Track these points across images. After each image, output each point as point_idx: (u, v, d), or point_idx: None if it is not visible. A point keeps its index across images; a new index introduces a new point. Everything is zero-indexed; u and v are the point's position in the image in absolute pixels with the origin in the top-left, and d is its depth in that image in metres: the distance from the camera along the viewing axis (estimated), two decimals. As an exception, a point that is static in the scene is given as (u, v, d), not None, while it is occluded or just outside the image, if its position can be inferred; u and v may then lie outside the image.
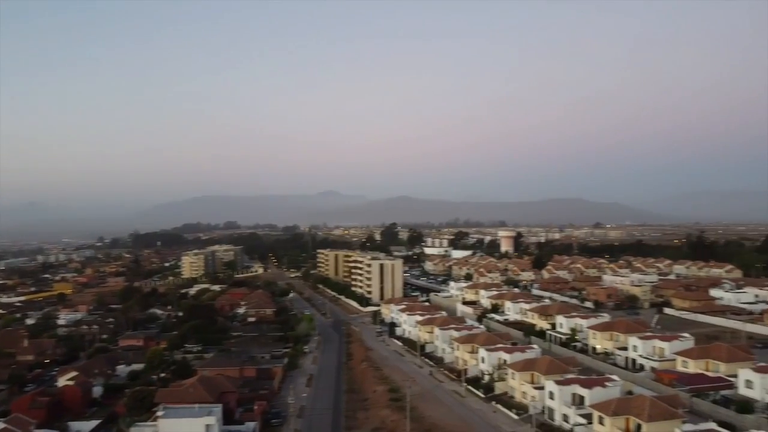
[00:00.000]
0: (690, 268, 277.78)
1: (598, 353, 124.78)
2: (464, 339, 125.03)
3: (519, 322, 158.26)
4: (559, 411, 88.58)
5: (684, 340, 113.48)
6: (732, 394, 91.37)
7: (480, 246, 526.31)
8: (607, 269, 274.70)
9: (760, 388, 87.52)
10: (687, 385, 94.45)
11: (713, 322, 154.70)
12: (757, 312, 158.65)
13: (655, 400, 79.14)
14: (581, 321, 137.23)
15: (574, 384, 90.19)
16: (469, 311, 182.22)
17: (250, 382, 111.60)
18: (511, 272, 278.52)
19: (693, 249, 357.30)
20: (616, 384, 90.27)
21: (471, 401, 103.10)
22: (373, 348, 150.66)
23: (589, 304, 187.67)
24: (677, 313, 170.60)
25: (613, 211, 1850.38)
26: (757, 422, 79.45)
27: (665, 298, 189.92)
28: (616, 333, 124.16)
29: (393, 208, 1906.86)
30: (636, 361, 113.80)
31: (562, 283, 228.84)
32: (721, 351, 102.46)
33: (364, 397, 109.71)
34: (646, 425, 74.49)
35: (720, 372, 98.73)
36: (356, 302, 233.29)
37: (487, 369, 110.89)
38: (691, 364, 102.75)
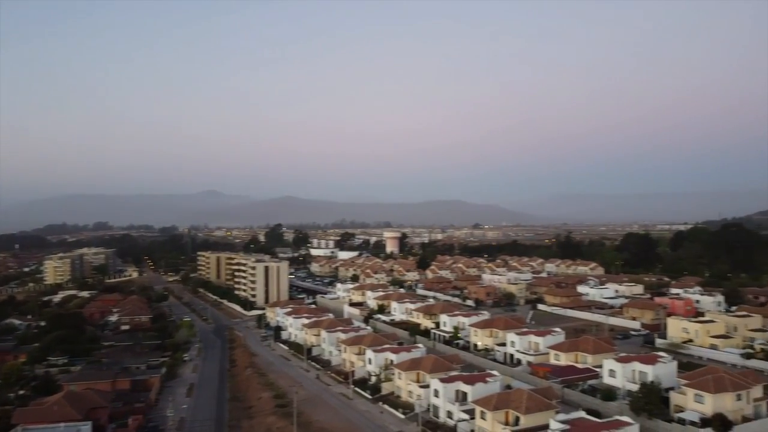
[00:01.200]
0: (559, 266, 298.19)
1: (479, 350, 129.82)
2: (351, 341, 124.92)
3: (405, 322, 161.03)
4: (444, 408, 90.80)
5: (556, 335, 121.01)
6: (598, 383, 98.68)
7: (366, 247, 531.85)
8: (486, 268, 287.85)
9: (622, 377, 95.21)
10: (559, 377, 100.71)
11: (581, 317, 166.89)
12: (617, 306, 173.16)
13: (532, 393, 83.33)
14: (464, 319, 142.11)
15: (458, 381, 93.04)
16: (356, 312, 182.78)
17: (123, 396, 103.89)
18: (396, 273, 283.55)
19: (562, 248, 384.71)
20: (496, 379, 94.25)
21: (358, 403, 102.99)
22: (258, 353, 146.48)
23: (471, 302, 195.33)
24: (549, 309, 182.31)
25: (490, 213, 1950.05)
26: (620, 408, 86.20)
27: (539, 295, 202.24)
28: (495, 330, 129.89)
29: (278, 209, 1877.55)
30: (514, 356, 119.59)
31: (445, 283, 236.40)
32: (588, 344, 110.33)
33: (248, 405, 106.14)
34: (524, 417, 78.25)
35: (587, 363, 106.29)
36: (240, 306, 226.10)
37: (374, 370, 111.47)
38: (563, 356, 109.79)
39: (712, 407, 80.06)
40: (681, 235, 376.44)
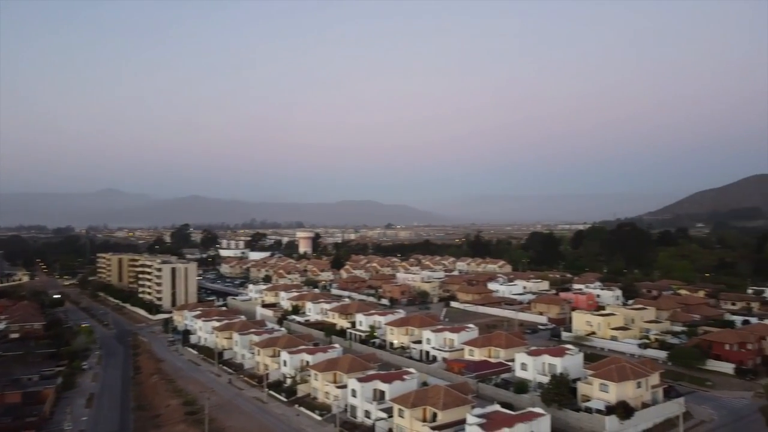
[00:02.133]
0: (470, 264, 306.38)
1: (395, 348, 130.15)
2: (265, 343, 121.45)
3: (320, 323, 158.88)
4: (362, 408, 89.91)
5: (470, 331, 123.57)
6: (511, 376, 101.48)
7: (278, 247, 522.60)
8: (400, 267, 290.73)
9: (533, 370, 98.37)
10: (474, 372, 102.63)
11: (492, 313, 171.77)
12: (525, 302, 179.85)
13: (448, 390, 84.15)
14: (379, 318, 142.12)
15: (375, 380, 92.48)
16: (269, 314, 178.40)
17: (13, 410, 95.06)
18: (310, 273, 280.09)
19: (472, 247, 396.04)
20: (413, 377, 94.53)
21: (273, 406, 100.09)
22: (165, 359, 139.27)
23: (385, 301, 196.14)
24: (462, 306, 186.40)
25: (402, 213, 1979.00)
26: (532, 400, 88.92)
27: (451, 292, 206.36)
28: (411, 328, 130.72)
29: (183, 209, 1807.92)
30: (429, 353, 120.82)
31: (359, 282, 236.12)
32: (500, 339, 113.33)
33: (155, 414, 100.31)
34: (442, 413, 78.83)
35: (500, 357, 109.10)
36: (145, 310, 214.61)
37: (289, 372, 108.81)
38: (477, 352, 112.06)
39: (615, 395, 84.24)
40: (581, 235, 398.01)
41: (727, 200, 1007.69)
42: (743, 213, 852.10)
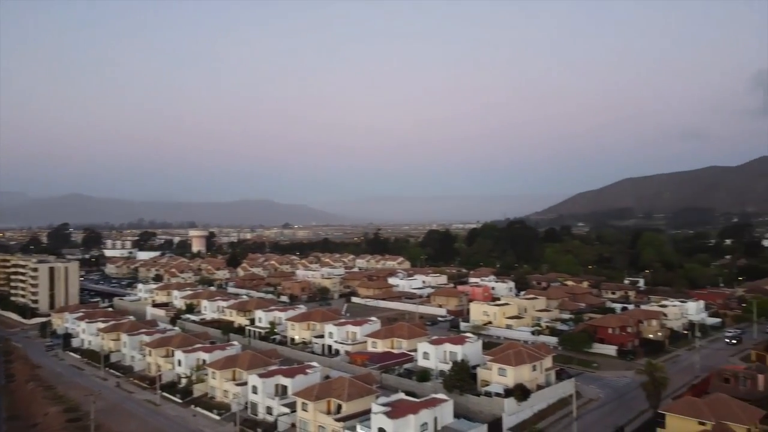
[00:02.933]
0: (369, 261, 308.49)
1: (297, 343, 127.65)
2: (157, 342, 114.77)
3: (217, 321, 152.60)
4: (263, 404, 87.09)
5: (372, 324, 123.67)
6: (413, 366, 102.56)
7: (169, 247, 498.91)
8: (299, 265, 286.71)
9: (435, 358, 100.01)
10: (377, 363, 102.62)
11: (393, 307, 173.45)
12: (425, 295, 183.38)
13: (353, 380, 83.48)
14: (280, 314, 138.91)
15: (277, 375, 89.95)
16: (161, 314, 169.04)
17: None
18: (205, 271, 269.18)
19: (371, 245, 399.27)
20: (316, 370, 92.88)
21: (167, 408, 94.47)
22: (43, 365, 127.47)
23: (285, 298, 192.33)
24: (363, 301, 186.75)
25: (300, 213, 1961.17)
26: (434, 387, 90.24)
27: (352, 288, 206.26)
28: (313, 322, 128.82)
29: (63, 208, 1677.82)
30: (332, 347, 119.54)
31: (258, 280, 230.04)
32: (403, 329, 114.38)
33: (32, 423, 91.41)
34: (346, 404, 77.95)
35: (403, 348, 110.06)
36: (18, 314, 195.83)
37: (184, 372, 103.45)
38: (380, 343, 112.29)
39: (513, 379, 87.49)
40: (475, 232, 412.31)
41: (604, 201, 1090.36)
42: (618, 213, 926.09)
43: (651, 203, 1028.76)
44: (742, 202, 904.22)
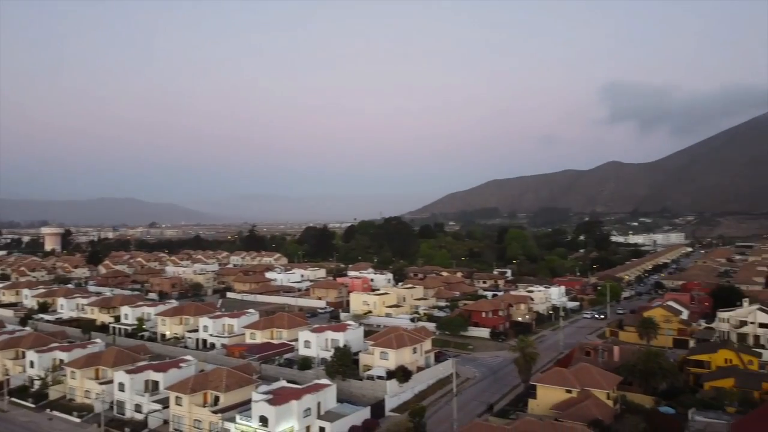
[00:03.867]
0: (245, 258, 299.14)
1: (168, 339, 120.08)
2: (4, 344, 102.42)
3: (76, 319, 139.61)
4: (131, 402, 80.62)
5: (251, 315, 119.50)
6: (294, 355, 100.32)
7: (18, 245, 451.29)
8: (169, 262, 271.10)
9: (317, 346, 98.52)
10: (256, 354, 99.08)
11: (271, 301, 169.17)
12: (304, 289, 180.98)
13: (231, 371, 79.89)
14: (149, 309, 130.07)
15: (148, 370, 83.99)
16: (9, 314, 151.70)
17: None
18: (61, 269, 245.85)
19: (246, 242, 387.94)
20: (190, 364, 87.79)
21: (18, 415, 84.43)
22: None
23: (154, 295, 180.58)
24: (239, 296, 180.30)
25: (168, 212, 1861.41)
26: (317, 375, 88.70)
27: (227, 284, 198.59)
28: (186, 316, 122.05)
29: None
30: (207, 341, 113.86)
31: (122, 277, 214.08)
32: (283, 320, 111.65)
33: None
34: (225, 395, 74.41)
35: (283, 338, 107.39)
36: None
37: (38, 374, 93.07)
38: (259, 334, 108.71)
39: (395, 361, 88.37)
40: (352, 229, 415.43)
41: (473, 201, 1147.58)
42: (485, 212, 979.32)
43: (514, 203, 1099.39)
44: (593, 202, 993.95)
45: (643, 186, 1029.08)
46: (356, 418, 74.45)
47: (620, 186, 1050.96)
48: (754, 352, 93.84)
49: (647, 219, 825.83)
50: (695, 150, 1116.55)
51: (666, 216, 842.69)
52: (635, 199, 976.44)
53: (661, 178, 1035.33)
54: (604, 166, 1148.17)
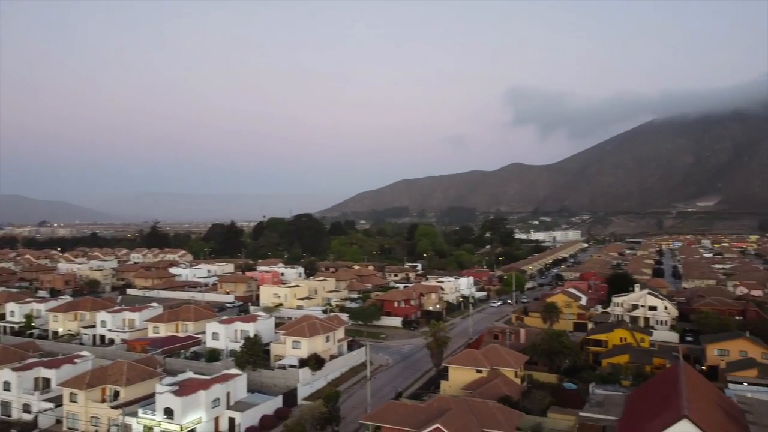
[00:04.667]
0: (146, 255, 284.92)
1: (61, 335, 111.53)
2: None
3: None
4: (19, 401, 73.99)
5: (154, 309, 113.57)
6: (201, 348, 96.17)
7: None
8: (62, 259, 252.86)
9: (225, 338, 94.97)
10: (160, 348, 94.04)
11: (176, 296, 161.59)
12: (210, 284, 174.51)
13: (133, 364, 75.53)
14: (39, 306, 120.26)
15: (38, 367, 77.60)
16: None
17: None
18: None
19: (148, 239, 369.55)
20: (87, 359, 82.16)
21: None
22: None
23: (45, 292, 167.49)
24: (140, 292, 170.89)
25: (61, 210, 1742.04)
26: (225, 366, 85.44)
27: (127, 280, 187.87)
28: (82, 312, 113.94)
29: None
30: (106, 336, 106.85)
31: (7, 275, 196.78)
32: (189, 312, 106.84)
33: None
34: (125, 389, 70.27)
35: (190, 331, 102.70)
36: None
37: None
38: (163, 328, 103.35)
39: (307, 350, 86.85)
40: (261, 226, 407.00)
41: (383, 200, 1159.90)
42: (396, 211, 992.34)
43: (424, 202, 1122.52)
44: (497, 201, 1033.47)
45: (543, 187, 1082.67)
46: (268, 408, 72.45)
47: (523, 186, 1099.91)
48: (646, 331, 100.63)
49: (547, 218, 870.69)
50: (590, 153, 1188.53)
51: (564, 215, 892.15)
52: (536, 199, 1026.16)
53: (560, 180, 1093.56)
54: (509, 167, 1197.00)
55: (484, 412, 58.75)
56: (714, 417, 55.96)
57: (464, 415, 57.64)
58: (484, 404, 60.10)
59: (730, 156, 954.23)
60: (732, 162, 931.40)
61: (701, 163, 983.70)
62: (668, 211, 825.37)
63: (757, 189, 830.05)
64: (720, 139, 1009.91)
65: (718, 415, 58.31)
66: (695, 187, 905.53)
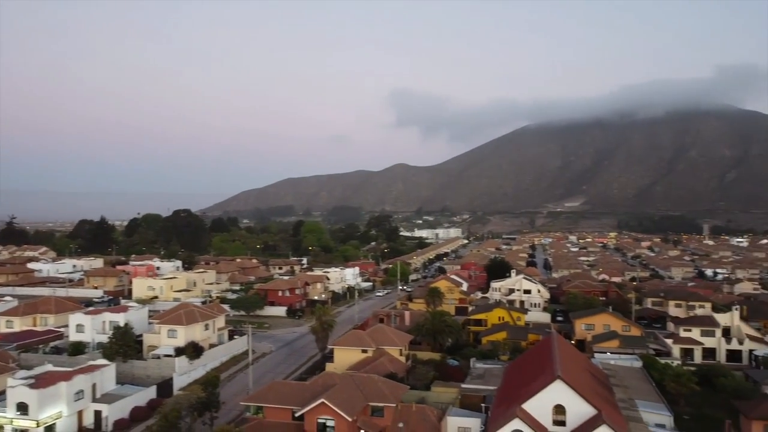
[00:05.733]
0: (1, 252, 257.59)
1: None
2: None
3: None
4: None
5: (7, 302, 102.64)
6: (63, 342, 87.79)
7: None
8: None
9: (92, 330, 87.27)
10: (14, 343, 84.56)
11: (36, 293, 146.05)
12: (76, 279, 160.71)
13: (-23, 359, 67.07)
14: None
15: None
16: None
17: None
18: None
19: (2, 236, 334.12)
20: None
21: None
22: None
23: None
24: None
25: None
26: (92, 358, 78.45)
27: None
28: None
29: None
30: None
31: None
32: (49, 304, 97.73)
33: None
34: (-33, 387, 62.01)
35: (50, 324, 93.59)
36: None
37: None
38: (18, 322, 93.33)
39: (184, 338, 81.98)
40: (135, 222, 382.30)
41: (268, 199, 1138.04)
42: (281, 210, 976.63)
43: (310, 201, 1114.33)
44: (382, 201, 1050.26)
45: (426, 187, 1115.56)
46: (139, 399, 67.40)
47: (407, 187, 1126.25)
48: (522, 310, 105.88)
49: (430, 217, 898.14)
50: (470, 156, 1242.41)
51: (446, 214, 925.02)
52: (420, 199, 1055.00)
53: (442, 181, 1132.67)
54: (393, 168, 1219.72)
55: (370, 386, 58.32)
56: (583, 379, 59.46)
57: (350, 389, 56.81)
58: (369, 379, 59.67)
59: (593, 161, 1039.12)
60: (594, 166, 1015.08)
61: (568, 166, 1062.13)
62: (540, 211, 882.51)
63: (615, 191, 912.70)
64: (584, 145, 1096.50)
65: (587, 378, 62.12)
66: (563, 189, 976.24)
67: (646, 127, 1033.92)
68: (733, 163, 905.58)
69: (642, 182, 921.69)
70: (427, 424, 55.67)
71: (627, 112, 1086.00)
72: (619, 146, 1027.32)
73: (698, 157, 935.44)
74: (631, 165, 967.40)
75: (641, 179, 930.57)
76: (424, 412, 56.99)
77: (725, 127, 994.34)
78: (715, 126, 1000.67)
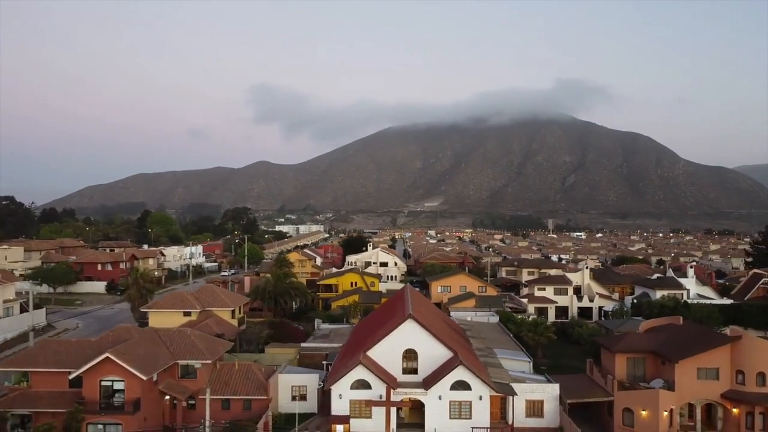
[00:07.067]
0: None
1: None
2: None
3: None
4: None
5: None
6: None
7: None
8: None
9: None
10: None
11: None
12: None
13: None
14: None
15: None
16: None
17: None
18: None
19: None
20: None
21: None
22: None
23: None
24: None
25: None
26: None
27: None
28: None
29: None
30: None
31: None
32: None
33: None
34: None
35: None
36: None
37: None
38: None
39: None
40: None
41: (116, 195, 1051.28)
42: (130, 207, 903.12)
43: (163, 198, 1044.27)
44: (244, 199, 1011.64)
45: (289, 186, 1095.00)
46: None
47: (269, 185, 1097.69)
48: (377, 276, 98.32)
49: (293, 215, 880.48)
50: (334, 155, 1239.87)
51: (309, 213, 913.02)
52: (282, 197, 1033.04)
53: (305, 179, 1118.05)
54: (255, 165, 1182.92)
55: (181, 341, 46.20)
56: (438, 324, 52.27)
57: (149, 345, 44.32)
58: (180, 332, 47.52)
59: (451, 163, 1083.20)
60: (452, 168, 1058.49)
61: (428, 168, 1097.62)
62: (401, 210, 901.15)
63: (471, 192, 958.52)
64: (443, 148, 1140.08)
65: (442, 325, 55.12)
66: (423, 189, 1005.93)
67: (499, 133, 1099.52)
68: (573, 168, 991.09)
69: (495, 184, 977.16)
70: (252, 384, 44.85)
71: (481, 118, 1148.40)
72: (475, 150, 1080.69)
73: (543, 162, 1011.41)
74: (486, 168, 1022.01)
75: (494, 181, 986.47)
76: (250, 370, 46.15)
77: (565, 135, 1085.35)
78: (558, 134, 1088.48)
